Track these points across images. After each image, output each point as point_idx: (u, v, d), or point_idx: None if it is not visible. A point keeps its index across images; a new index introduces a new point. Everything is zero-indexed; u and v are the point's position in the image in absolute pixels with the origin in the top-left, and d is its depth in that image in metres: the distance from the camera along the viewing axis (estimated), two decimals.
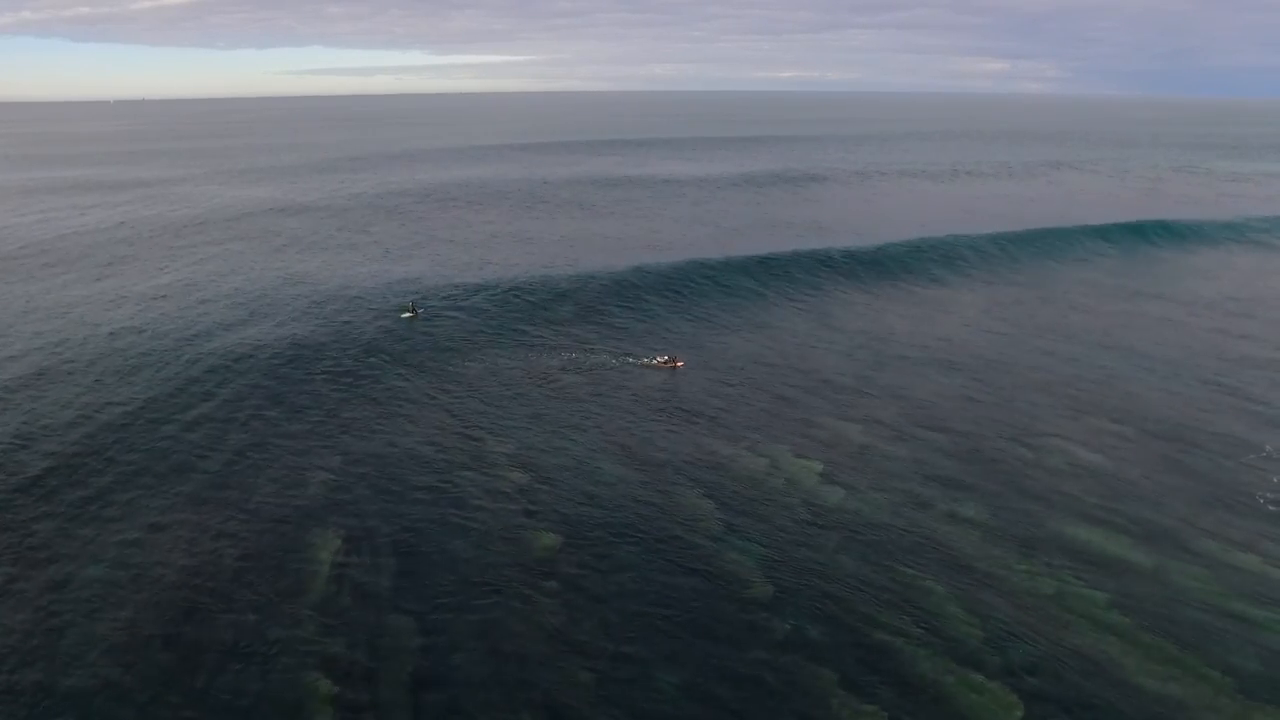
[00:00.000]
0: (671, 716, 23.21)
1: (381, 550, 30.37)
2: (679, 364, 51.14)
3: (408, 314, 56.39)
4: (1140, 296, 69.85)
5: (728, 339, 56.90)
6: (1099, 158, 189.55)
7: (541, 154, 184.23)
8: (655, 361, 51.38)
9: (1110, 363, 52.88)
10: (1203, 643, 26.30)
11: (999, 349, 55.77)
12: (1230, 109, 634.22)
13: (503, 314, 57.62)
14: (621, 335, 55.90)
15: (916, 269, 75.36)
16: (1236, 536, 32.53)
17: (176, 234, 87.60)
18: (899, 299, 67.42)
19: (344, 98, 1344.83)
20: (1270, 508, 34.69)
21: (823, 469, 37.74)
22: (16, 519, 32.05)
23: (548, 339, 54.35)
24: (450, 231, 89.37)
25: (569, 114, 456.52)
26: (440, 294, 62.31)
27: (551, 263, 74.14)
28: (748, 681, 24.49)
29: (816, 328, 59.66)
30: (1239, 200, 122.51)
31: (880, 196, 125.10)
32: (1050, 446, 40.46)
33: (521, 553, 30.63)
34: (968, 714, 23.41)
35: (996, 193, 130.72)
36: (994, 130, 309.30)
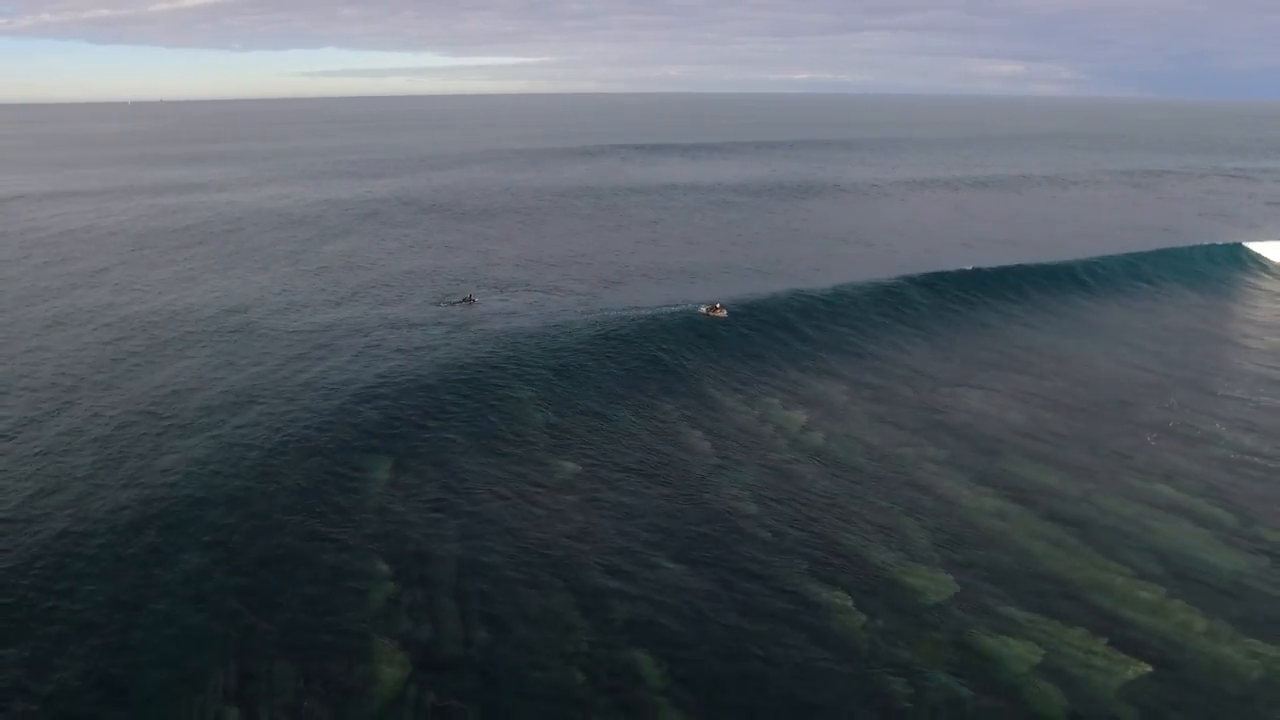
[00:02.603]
0: (671, 590, 28.65)
1: (428, 472, 35.90)
2: (721, 312, 55.92)
3: (463, 301, 60.87)
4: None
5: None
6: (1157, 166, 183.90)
7: (567, 158, 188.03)
8: (702, 310, 56.44)
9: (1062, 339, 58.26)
10: (1112, 544, 31.74)
11: (966, 331, 61.08)
12: (1257, 111, 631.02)
13: (544, 301, 61.33)
14: (644, 299, 60.05)
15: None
16: (1151, 467, 38.58)
17: (205, 236, 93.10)
18: (900, 299, 71.41)
19: (359, 99, 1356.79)
20: (1153, 443, 41.44)
21: (806, 419, 43.17)
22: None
23: (574, 306, 59.00)
24: (495, 233, 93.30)
25: (587, 116, 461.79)
26: (492, 287, 66.62)
27: (579, 255, 79.89)
28: (734, 570, 29.90)
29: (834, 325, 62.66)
30: None
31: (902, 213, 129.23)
32: (1006, 404, 45.83)
33: (546, 477, 36.15)
34: (912, 591, 28.78)
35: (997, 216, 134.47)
36: (1038, 134, 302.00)
